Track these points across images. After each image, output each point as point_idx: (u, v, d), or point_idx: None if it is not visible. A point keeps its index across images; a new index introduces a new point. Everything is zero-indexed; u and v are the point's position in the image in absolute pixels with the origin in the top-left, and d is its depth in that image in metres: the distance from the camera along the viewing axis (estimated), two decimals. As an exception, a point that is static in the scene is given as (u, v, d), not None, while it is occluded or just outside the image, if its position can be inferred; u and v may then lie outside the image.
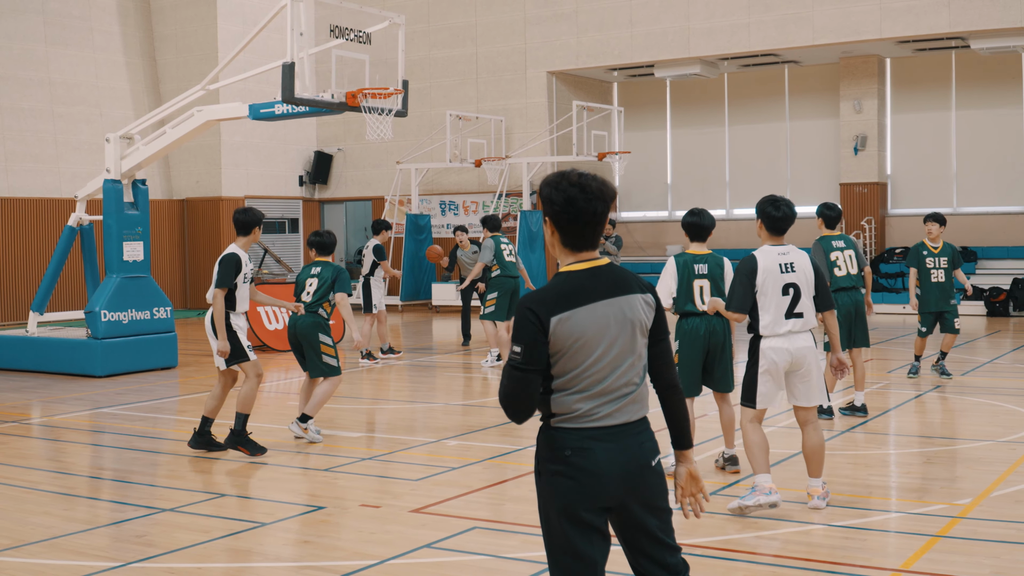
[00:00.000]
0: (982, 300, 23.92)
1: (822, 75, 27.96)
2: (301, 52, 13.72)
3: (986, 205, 26.50)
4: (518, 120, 28.09)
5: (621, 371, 3.94)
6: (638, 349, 3.99)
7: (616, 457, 3.89)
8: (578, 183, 3.94)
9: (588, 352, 3.89)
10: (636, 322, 3.97)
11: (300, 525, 7.62)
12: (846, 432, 10.72)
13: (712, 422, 11.43)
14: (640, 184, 30.25)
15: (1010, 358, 16.50)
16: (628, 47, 26.80)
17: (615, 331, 3.92)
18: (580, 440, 3.89)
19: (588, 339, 3.88)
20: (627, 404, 3.96)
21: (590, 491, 3.88)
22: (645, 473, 3.95)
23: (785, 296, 7.49)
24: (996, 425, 10.87)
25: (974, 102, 26.57)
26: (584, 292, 3.92)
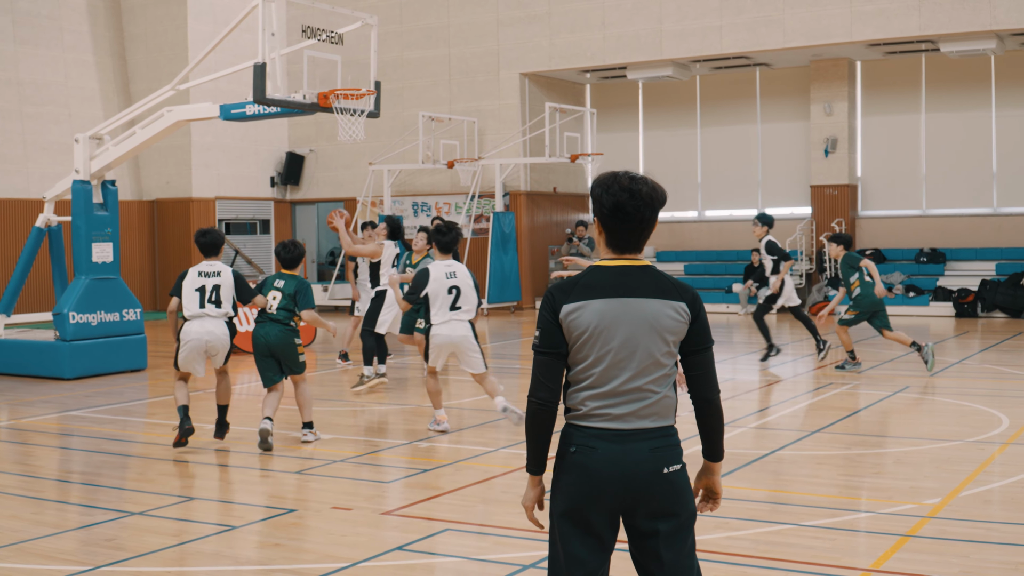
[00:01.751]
0: (950, 301, 24.09)
1: (793, 78, 28.10)
2: (273, 52, 13.68)
3: (955, 207, 26.69)
4: (491, 121, 28.09)
5: (633, 374, 3.88)
6: (658, 356, 3.90)
7: (619, 460, 3.84)
8: (628, 187, 3.96)
9: (595, 347, 3.88)
10: (659, 328, 3.89)
11: (270, 528, 7.60)
12: (815, 432, 10.78)
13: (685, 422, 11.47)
14: (612, 186, 30.27)
15: (978, 359, 16.63)
16: (600, 49, 26.85)
17: (630, 332, 3.87)
18: (586, 439, 3.89)
19: (596, 333, 3.87)
20: (642, 410, 3.89)
21: (589, 491, 3.86)
22: (654, 480, 3.86)
23: (449, 295, 10.57)
24: (965, 425, 10.95)
25: (943, 105, 26.76)
26: (605, 287, 3.90)
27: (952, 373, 15.09)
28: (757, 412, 12.25)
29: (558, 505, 3.93)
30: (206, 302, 10.47)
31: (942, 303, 24.21)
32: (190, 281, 10.49)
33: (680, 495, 3.94)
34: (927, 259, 25.97)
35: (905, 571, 6.33)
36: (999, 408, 11.81)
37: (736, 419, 11.59)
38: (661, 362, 3.92)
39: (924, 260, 25.98)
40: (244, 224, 29.00)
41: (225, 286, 10.56)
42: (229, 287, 10.55)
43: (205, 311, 10.44)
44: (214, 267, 10.59)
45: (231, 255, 24.54)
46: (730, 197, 29.03)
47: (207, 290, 10.51)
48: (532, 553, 6.80)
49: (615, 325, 3.87)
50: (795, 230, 26.89)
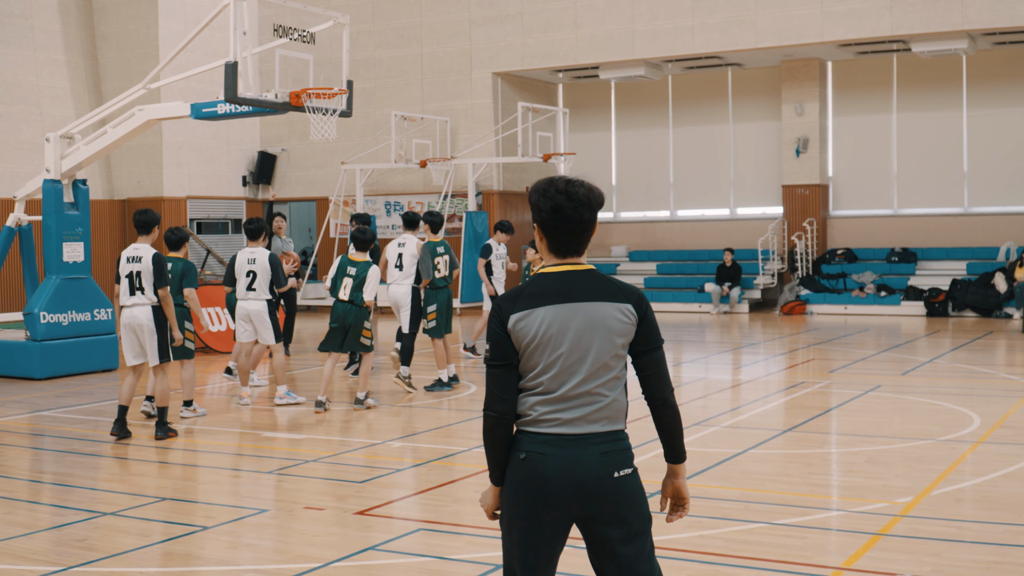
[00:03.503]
0: (922, 301, 24.24)
1: (764, 78, 28.22)
2: (244, 51, 13.62)
3: (926, 207, 26.86)
4: (463, 121, 28.08)
5: (583, 379, 3.88)
6: (607, 360, 3.91)
7: (570, 466, 3.84)
8: (565, 190, 3.92)
9: (544, 353, 3.89)
10: (607, 331, 3.91)
11: (243, 528, 7.57)
12: (787, 431, 10.83)
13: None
14: (585, 185, 30.31)
15: (949, 358, 16.74)
16: (573, 49, 26.88)
17: (578, 336, 3.88)
18: (536, 445, 3.89)
19: (545, 339, 3.87)
20: (592, 414, 3.90)
21: (540, 497, 3.86)
22: (604, 485, 3.86)
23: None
24: (936, 424, 11.03)
25: (915, 105, 26.93)
26: (550, 294, 3.91)
27: (923, 372, 15.18)
28: (729, 411, 12.29)
29: (510, 509, 3.94)
30: (133, 288, 10.80)
31: (913, 302, 24.36)
32: (121, 267, 10.89)
33: (631, 500, 3.92)
34: (898, 259, 26.12)
35: (877, 570, 6.36)
36: (970, 407, 11.90)
37: (708, 418, 11.63)
38: (610, 365, 3.93)
39: (895, 260, 26.14)
40: (216, 224, 28.87)
41: (144, 272, 10.75)
42: (148, 272, 10.75)
43: (134, 298, 10.80)
44: (138, 251, 10.78)
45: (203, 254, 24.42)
46: (702, 197, 29.13)
47: (132, 276, 10.82)
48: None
49: (563, 330, 3.88)
50: (767, 230, 27.00)
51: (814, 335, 20.46)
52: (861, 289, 25.12)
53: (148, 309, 10.76)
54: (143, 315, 10.76)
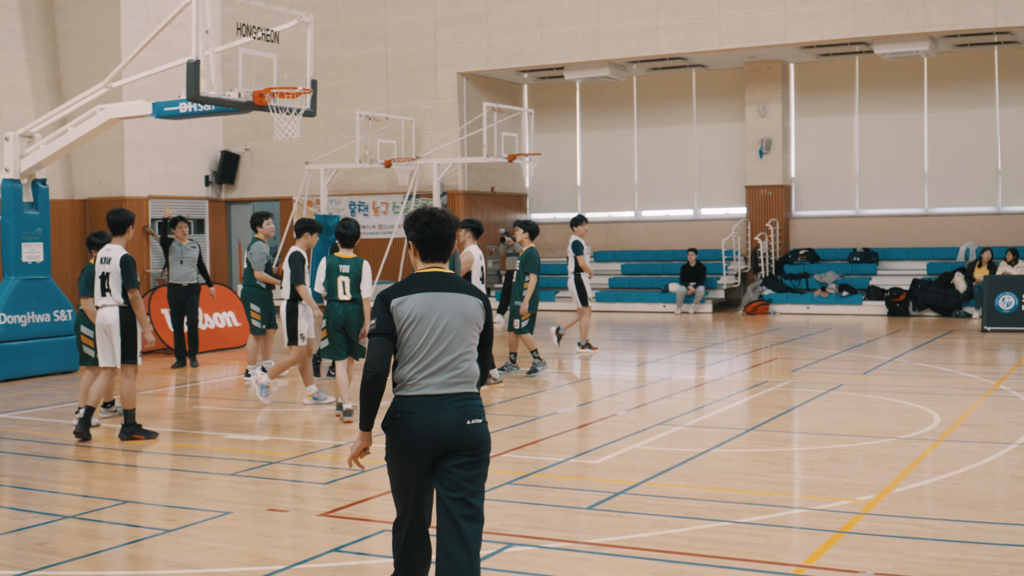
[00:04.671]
0: (883, 300, 24.42)
1: (728, 79, 28.35)
2: (207, 50, 13.53)
3: (887, 207, 27.08)
4: (428, 121, 28.04)
5: (446, 350, 5.07)
6: (467, 337, 5.13)
7: (436, 419, 5.01)
8: (430, 214, 5.25)
9: (417, 329, 5.07)
10: (468, 315, 5.15)
11: (205, 531, 7.51)
12: (750, 431, 10.88)
13: (621, 420, 11.53)
14: (550, 186, 30.38)
15: (910, 357, 16.87)
16: (538, 49, 26.90)
17: (445, 317, 5.09)
18: (409, 406, 5.05)
19: (417, 318, 5.07)
20: (452, 379, 5.08)
21: (414, 443, 5.02)
22: (460, 430, 5.05)
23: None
24: (897, 423, 11.11)
25: (876, 106, 27.14)
26: (423, 285, 5.14)
27: (885, 371, 15.29)
28: (693, 411, 12.33)
29: (394, 457, 5.12)
30: (104, 290, 10.76)
31: (875, 302, 24.54)
32: (96, 268, 10.85)
33: (479, 441, 5.12)
34: (860, 259, 26.32)
35: (839, 567, 6.40)
36: (931, 406, 11.99)
37: (672, 418, 11.66)
38: (468, 341, 5.14)
39: (857, 260, 26.33)
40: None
41: (113, 273, 10.72)
42: (116, 274, 10.72)
43: (104, 299, 10.78)
44: (109, 252, 10.76)
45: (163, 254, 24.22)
46: (667, 197, 29.23)
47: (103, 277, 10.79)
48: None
49: (432, 312, 5.09)
50: (730, 230, 27.13)
51: (777, 335, 20.57)
52: (823, 289, 25.29)
53: (116, 310, 10.71)
54: (111, 316, 10.72)
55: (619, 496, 8.18)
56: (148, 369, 16.35)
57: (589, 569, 6.51)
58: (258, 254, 14.73)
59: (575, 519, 7.65)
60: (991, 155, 26.11)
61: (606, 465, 9.40)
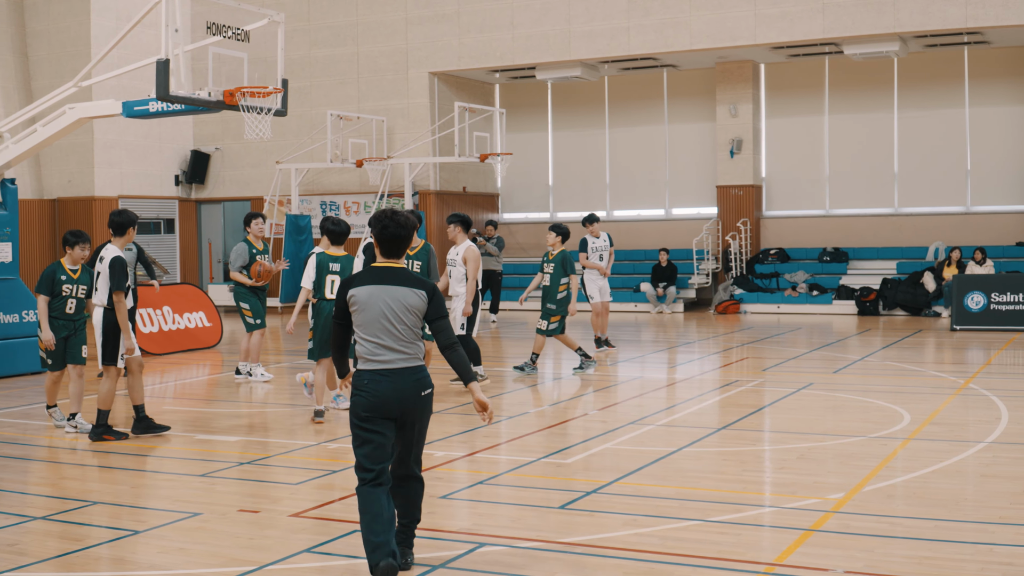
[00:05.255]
0: (853, 300, 24.55)
1: (699, 79, 28.42)
2: (177, 49, 13.45)
3: (857, 207, 27.23)
4: (400, 120, 27.99)
5: (395, 333, 6.19)
6: (408, 323, 6.23)
7: (396, 388, 6.19)
8: (392, 218, 6.33)
9: (367, 315, 6.20)
10: (407, 305, 6.23)
11: (175, 532, 7.47)
12: (721, 430, 10.91)
13: (593, 420, 11.53)
14: (522, 186, 30.39)
15: (880, 356, 16.97)
16: (510, 49, 26.90)
17: (388, 306, 6.20)
18: (372, 376, 6.21)
19: (365, 306, 6.21)
20: (404, 356, 6.22)
21: (377, 407, 6.18)
22: (416, 399, 6.26)
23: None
24: (867, 421, 11.17)
25: (846, 107, 27.28)
26: (373, 278, 6.27)
27: (855, 370, 15.38)
28: (665, 410, 12.36)
29: (359, 417, 6.22)
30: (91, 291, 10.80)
31: (845, 302, 24.67)
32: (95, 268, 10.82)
33: (428, 406, 6.37)
34: (830, 258, 26.45)
35: (810, 565, 6.43)
36: (900, 404, 12.06)
37: (643, 417, 11.69)
38: (412, 326, 6.25)
39: (827, 259, 26.46)
40: (148, 223, 28.51)
41: (102, 274, 10.65)
42: (104, 275, 10.64)
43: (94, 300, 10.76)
44: (105, 253, 10.71)
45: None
46: (638, 197, 29.28)
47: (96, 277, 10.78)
48: (442, 553, 6.79)
49: (378, 301, 6.21)
50: (701, 230, 27.21)
51: (748, 334, 20.65)
52: (794, 288, 25.40)
53: (100, 311, 10.66)
54: (96, 317, 10.70)
55: (591, 495, 8.19)
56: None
57: (561, 568, 6.51)
58: (236, 254, 14.59)
59: (547, 518, 7.65)
60: (960, 155, 26.30)
61: (578, 464, 9.40)
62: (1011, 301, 20.34)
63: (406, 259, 12.10)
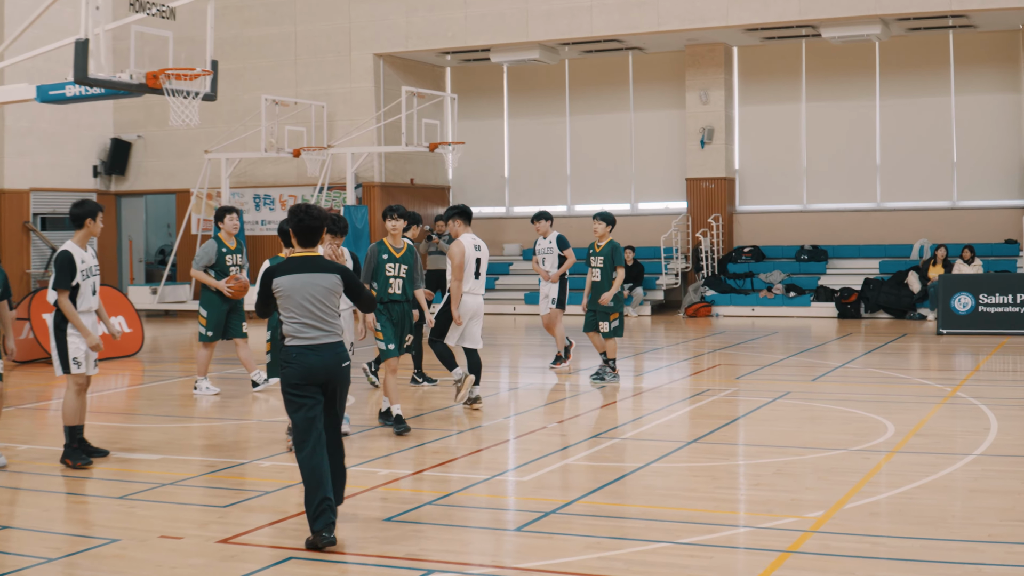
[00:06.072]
0: (833, 302, 24.71)
1: (667, 63, 28.51)
2: (97, 28, 13.29)
3: (837, 202, 27.41)
4: (342, 106, 27.87)
5: (315, 312, 7.61)
6: (329, 303, 7.68)
7: (321, 360, 7.60)
8: (306, 212, 7.76)
9: (292, 300, 7.61)
10: (326, 288, 7.67)
11: (91, 560, 7.36)
12: (692, 443, 10.92)
13: (551, 433, 11.50)
14: (475, 177, 30.35)
15: (862, 362, 17.07)
16: (462, 29, 26.86)
17: (311, 291, 7.61)
18: (300, 352, 7.61)
19: (291, 292, 7.62)
20: (323, 333, 7.64)
21: (305, 376, 7.57)
22: (338, 369, 7.70)
23: None
24: (848, 433, 11.21)
25: (825, 94, 27.46)
26: (296, 267, 7.67)
27: (835, 378, 15.45)
28: (630, 422, 12.36)
29: (291, 387, 7.60)
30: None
31: (824, 303, 24.83)
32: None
33: (347, 376, 7.84)
34: (808, 257, 26.62)
35: (787, 590, 6.42)
36: (884, 415, 12.12)
37: (607, 430, 11.67)
38: (332, 306, 7.70)
39: (805, 258, 26.63)
40: (63, 219, 28.18)
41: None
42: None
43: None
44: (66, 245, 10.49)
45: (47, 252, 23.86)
46: (601, 191, 29.33)
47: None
48: (386, 580, 6.73)
49: (302, 288, 7.62)
50: (670, 226, 27.29)
51: (720, 339, 20.72)
52: (769, 289, 25.54)
53: (52, 312, 10.33)
54: (49, 318, 10.47)
55: (549, 516, 8.16)
56: (27, 381, 16.04)
57: (516, 596, 6.47)
58: (203, 251, 14.26)
59: (501, 542, 7.61)
60: (947, 146, 26.55)
61: (535, 482, 9.37)
62: (1000, 303, 20.55)
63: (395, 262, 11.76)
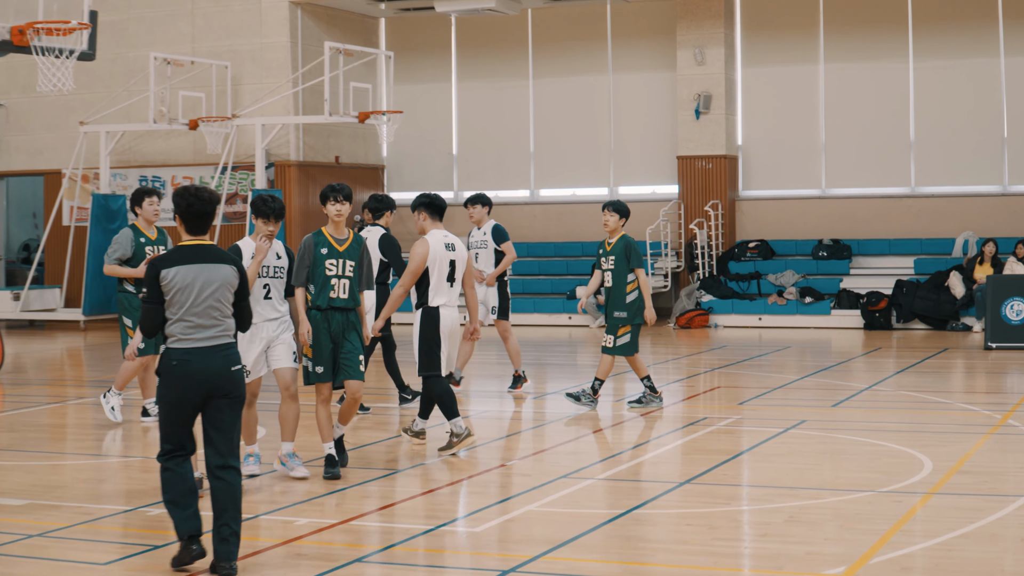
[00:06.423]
0: (858, 309, 24.77)
1: (654, 15, 28.53)
2: (-56, -29, 13.25)
3: (863, 186, 27.46)
4: (250, 67, 27.76)
5: (209, 309, 7.93)
6: (224, 300, 8.01)
7: (205, 366, 7.90)
8: (195, 195, 8.03)
9: (185, 295, 7.89)
10: (224, 282, 8.01)
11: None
12: (684, 484, 10.95)
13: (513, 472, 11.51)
14: (416, 155, 30.26)
15: (893, 383, 17.13)
16: (399, -29, 26.85)
17: (205, 284, 7.91)
18: (182, 355, 7.92)
19: (184, 286, 7.88)
20: (216, 333, 7.98)
21: (186, 387, 7.89)
22: (225, 375, 7.97)
23: None
24: (876, 471, 11.26)
25: (848, 54, 27.47)
26: (187, 257, 7.96)
27: (860, 403, 15.51)
28: (608, 459, 12.37)
29: (168, 396, 7.95)
30: None
31: (847, 311, 24.87)
32: None
33: (238, 383, 8.08)
34: (828, 254, 26.66)
35: (801, 665, 6.47)
36: (919, 448, 12.17)
37: (580, 468, 11.67)
38: (225, 302, 8.03)
39: (824, 255, 26.66)
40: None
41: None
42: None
43: None
44: None
45: None
46: (572, 171, 29.30)
47: None
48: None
49: (195, 281, 7.90)
50: (658, 215, 27.28)
51: (719, 355, 20.77)
52: (780, 294, 25.62)
53: None
54: None
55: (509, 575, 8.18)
56: None
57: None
58: (117, 242, 13.92)
59: (450, 607, 7.61)
60: (996, 119, 26.65)
61: (492, 534, 9.37)
62: (1063, 310, 20.65)
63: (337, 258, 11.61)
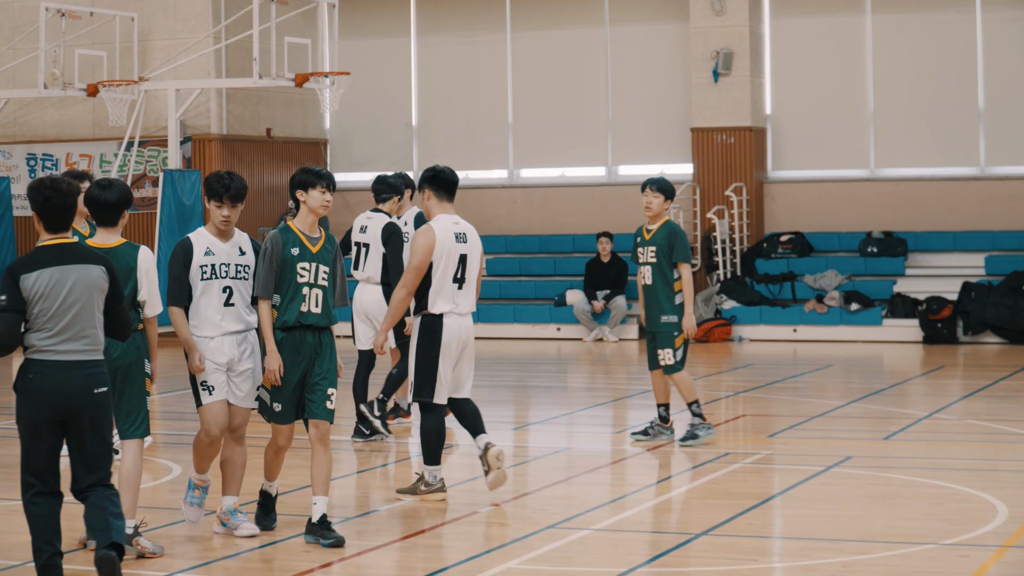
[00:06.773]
0: (916, 318, 24.78)
1: (663, -47, 28.58)
2: None
3: (920, 166, 27.47)
4: (161, 19, 27.72)
5: (75, 318, 8.31)
6: (95, 306, 8.41)
7: (64, 384, 8.30)
8: (52, 187, 8.40)
9: (49, 301, 8.25)
10: (93, 286, 8.39)
11: None
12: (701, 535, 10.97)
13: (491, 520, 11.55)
14: (367, 127, 30.20)
15: (960, 410, 17.16)
16: (346, -101, 26.89)
17: (72, 289, 8.29)
18: (40, 368, 8.31)
19: (47, 291, 8.25)
20: (82, 348, 8.37)
21: (42, 405, 8.29)
22: (87, 396, 8.36)
23: None
24: (938, 519, 11.30)
25: (899, 2, 27.50)
26: (50, 259, 8.32)
27: (919, 434, 15.56)
28: (608, 504, 12.39)
29: (24, 414, 8.36)
30: None
31: (903, 320, 24.89)
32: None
33: (103, 408, 8.49)
34: (878, 250, 26.63)
35: None
36: (992, 491, 12.21)
37: (573, 516, 11.68)
38: (96, 310, 8.42)
39: (874, 251, 26.64)
40: None
41: None
42: None
43: None
44: None
45: None
46: (561, 147, 29.26)
47: None
48: None
49: (60, 285, 8.27)
50: (667, 202, 27.29)
51: (745, 375, 20.81)
52: (819, 300, 25.65)
53: None
54: None
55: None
56: None
57: None
58: None
59: None
60: (1084, 81, 26.77)
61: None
62: None
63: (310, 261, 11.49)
